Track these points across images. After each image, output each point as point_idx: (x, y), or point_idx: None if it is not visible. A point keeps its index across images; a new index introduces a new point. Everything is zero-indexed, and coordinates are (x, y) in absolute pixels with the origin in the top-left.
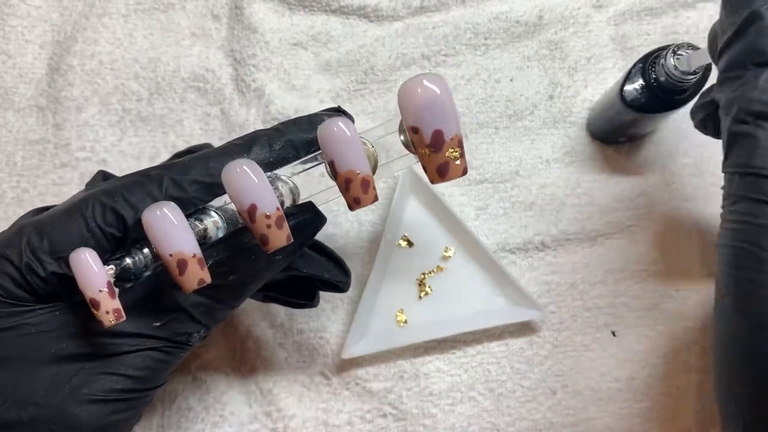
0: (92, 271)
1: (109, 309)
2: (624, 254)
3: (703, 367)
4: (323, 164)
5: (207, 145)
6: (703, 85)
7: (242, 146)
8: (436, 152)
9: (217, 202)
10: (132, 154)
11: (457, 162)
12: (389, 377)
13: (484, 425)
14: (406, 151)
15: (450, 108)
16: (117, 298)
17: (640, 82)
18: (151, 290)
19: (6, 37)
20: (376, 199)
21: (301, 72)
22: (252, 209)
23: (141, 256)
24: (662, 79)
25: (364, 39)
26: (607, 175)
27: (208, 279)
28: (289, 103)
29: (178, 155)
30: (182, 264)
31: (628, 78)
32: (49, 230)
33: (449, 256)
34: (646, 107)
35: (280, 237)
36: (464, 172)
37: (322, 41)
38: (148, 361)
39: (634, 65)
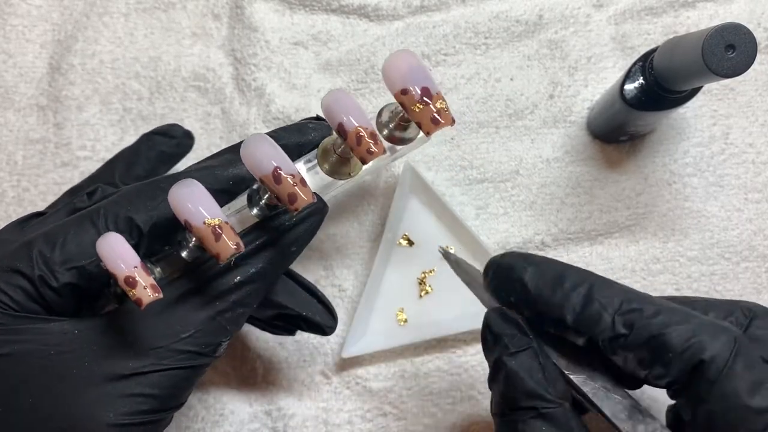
0: (124, 248)
1: (147, 284)
2: (624, 253)
3: None
4: (316, 167)
5: (174, 126)
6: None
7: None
8: (427, 105)
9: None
10: None
11: (447, 111)
12: (389, 376)
13: (485, 425)
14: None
15: (428, 71)
16: (150, 275)
17: (640, 80)
18: (174, 303)
19: (6, 37)
20: (385, 150)
21: (302, 71)
22: (276, 171)
23: (155, 272)
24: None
25: (365, 38)
26: (607, 175)
27: (242, 245)
28: (290, 102)
29: (146, 136)
30: (217, 230)
31: (628, 77)
32: (60, 241)
33: None
34: (646, 105)
35: (307, 193)
36: (453, 121)
37: (322, 40)
38: (173, 379)
39: (634, 64)
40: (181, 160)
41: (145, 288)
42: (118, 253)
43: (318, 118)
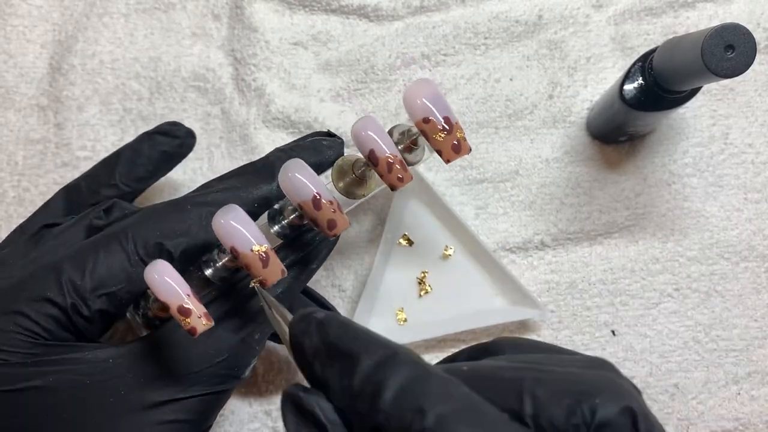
0: (175, 277)
1: (200, 313)
2: (623, 253)
3: (703, 366)
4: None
5: (177, 125)
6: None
7: (264, 172)
8: (449, 134)
9: None
10: None
11: (465, 141)
12: None
13: None
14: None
15: (446, 101)
16: (201, 303)
17: (640, 80)
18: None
19: (7, 37)
20: (411, 177)
21: (302, 71)
22: (316, 198)
23: None
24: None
25: (364, 38)
26: (606, 175)
27: (286, 271)
28: (290, 102)
29: (148, 135)
30: (263, 256)
31: (627, 77)
32: (90, 266)
33: (449, 255)
34: (645, 106)
35: (344, 220)
36: (470, 149)
37: (322, 41)
38: (205, 403)
39: (634, 64)
40: (182, 160)
41: (199, 317)
42: (170, 282)
43: (329, 133)
